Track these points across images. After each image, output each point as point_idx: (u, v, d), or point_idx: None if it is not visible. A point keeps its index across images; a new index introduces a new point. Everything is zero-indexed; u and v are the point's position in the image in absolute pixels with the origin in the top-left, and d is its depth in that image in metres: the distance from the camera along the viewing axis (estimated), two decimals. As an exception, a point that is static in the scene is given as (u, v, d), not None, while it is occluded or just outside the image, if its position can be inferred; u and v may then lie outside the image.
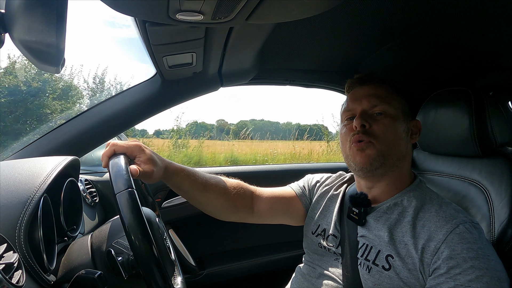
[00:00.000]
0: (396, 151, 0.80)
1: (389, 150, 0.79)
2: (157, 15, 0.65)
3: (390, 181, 0.83)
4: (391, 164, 0.80)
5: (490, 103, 0.90)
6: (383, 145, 0.79)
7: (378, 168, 0.79)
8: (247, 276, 1.71)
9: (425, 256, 0.68)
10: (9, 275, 0.50)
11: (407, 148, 0.83)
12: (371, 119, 0.81)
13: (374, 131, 0.80)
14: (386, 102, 0.82)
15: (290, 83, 1.53)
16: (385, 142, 0.79)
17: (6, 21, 0.48)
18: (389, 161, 0.79)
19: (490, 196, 0.86)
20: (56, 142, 1.12)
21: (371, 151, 0.79)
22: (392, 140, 0.80)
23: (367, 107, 0.83)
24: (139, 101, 1.19)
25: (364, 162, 0.79)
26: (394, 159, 0.80)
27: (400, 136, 0.81)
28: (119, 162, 0.66)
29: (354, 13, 0.90)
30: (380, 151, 0.79)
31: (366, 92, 0.85)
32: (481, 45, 1.07)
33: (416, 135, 0.86)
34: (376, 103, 0.82)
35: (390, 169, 0.81)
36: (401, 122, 0.82)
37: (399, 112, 0.82)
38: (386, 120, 0.80)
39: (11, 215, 0.61)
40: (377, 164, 0.79)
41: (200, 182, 0.88)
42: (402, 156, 0.81)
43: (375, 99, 0.82)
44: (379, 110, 0.81)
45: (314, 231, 0.93)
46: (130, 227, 0.55)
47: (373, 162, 0.79)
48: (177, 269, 0.85)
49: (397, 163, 0.81)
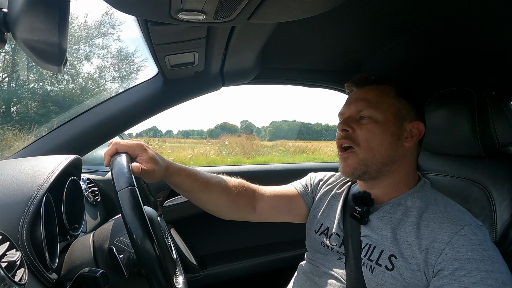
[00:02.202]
0: (379, 157, 0.80)
1: (372, 157, 0.80)
2: (159, 14, 0.65)
3: (387, 184, 0.83)
4: (376, 170, 0.81)
5: (493, 103, 0.90)
6: (364, 152, 0.80)
7: (361, 175, 0.82)
8: (249, 276, 1.71)
9: (429, 257, 0.68)
10: (12, 273, 0.51)
11: (397, 152, 0.81)
12: (356, 123, 0.82)
13: (357, 136, 0.81)
14: (373, 106, 0.81)
15: (292, 82, 1.53)
16: (367, 148, 0.80)
17: (9, 20, 0.48)
18: (372, 167, 0.80)
19: (493, 197, 0.86)
20: (58, 141, 1.13)
21: (352, 160, 0.81)
22: (375, 145, 0.80)
23: (353, 112, 0.84)
24: (141, 100, 1.19)
25: (347, 171, 0.83)
26: (379, 165, 0.80)
27: (386, 140, 0.80)
28: (121, 160, 0.66)
29: (356, 12, 0.90)
30: (361, 159, 0.80)
31: (356, 96, 0.86)
32: (483, 44, 1.06)
33: (415, 137, 0.82)
34: (362, 108, 0.82)
35: (378, 173, 0.81)
36: (389, 126, 0.80)
37: (388, 115, 0.81)
38: (370, 125, 0.80)
39: (14, 213, 0.61)
40: (358, 172, 0.81)
41: (201, 181, 0.88)
42: (390, 160, 0.81)
43: (362, 103, 0.82)
44: (364, 114, 0.82)
45: (317, 230, 0.93)
46: (131, 224, 0.55)
47: (354, 172, 0.82)
48: (178, 268, 0.85)
49: (384, 168, 0.81)
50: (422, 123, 0.84)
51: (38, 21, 0.46)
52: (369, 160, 0.80)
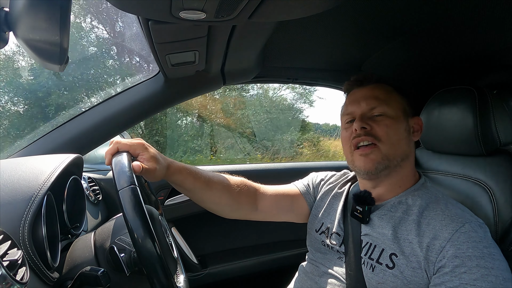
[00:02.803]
0: (400, 151, 0.80)
1: (394, 152, 0.80)
2: (160, 13, 0.65)
3: (393, 181, 0.83)
4: (395, 164, 0.80)
5: (494, 102, 0.90)
6: (387, 147, 0.79)
7: (382, 170, 0.80)
8: (250, 275, 1.71)
9: (430, 255, 0.68)
10: (14, 272, 0.51)
11: (409, 147, 0.83)
12: (371, 121, 0.81)
13: (377, 132, 0.80)
14: (385, 103, 0.81)
15: (293, 81, 1.53)
16: (389, 144, 0.79)
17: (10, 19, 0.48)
18: (393, 162, 0.80)
19: (494, 196, 0.86)
20: (60, 140, 1.13)
21: (375, 155, 0.79)
22: (395, 140, 0.80)
23: (366, 110, 0.83)
24: (142, 99, 1.19)
25: (369, 167, 0.80)
26: (399, 159, 0.80)
27: (402, 135, 0.81)
28: (122, 159, 0.67)
29: (358, 11, 0.89)
30: (384, 154, 0.79)
31: (364, 94, 0.85)
32: (485, 43, 1.06)
33: (418, 132, 0.86)
34: (375, 105, 0.82)
35: (394, 169, 0.81)
36: (401, 122, 0.81)
37: (398, 111, 0.82)
38: (386, 121, 0.80)
39: (15, 212, 0.62)
40: (382, 167, 0.80)
41: (202, 180, 0.88)
42: (405, 155, 0.81)
43: (373, 101, 0.82)
44: (378, 112, 0.81)
45: (317, 229, 0.93)
46: (132, 223, 0.55)
47: (378, 166, 0.80)
48: (179, 267, 0.85)
49: (401, 163, 0.81)
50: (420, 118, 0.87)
51: (39, 20, 0.46)
52: (391, 154, 0.79)
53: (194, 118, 6.01)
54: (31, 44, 0.48)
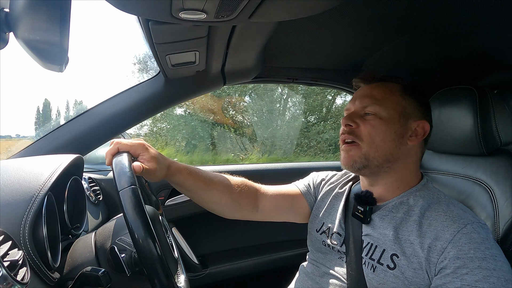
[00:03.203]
0: (382, 153, 0.80)
1: (374, 152, 0.80)
2: (160, 14, 0.65)
3: (388, 181, 0.83)
4: (377, 165, 0.80)
5: (495, 101, 0.90)
6: (367, 147, 0.80)
7: (361, 169, 0.81)
8: (250, 275, 1.71)
9: (431, 255, 0.68)
10: (14, 272, 0.51)
11: (399, 150, 0.81)
12: (361, 119, 0.82)
13: (360, 131, 0.81)
14: (378, 103, 0.81)
15: (294, 81, 1.53)
16: (370, 144, 0.80)
17: (10, 20, 0.48)
18: (373, 163, 0.80)
19: (495, 195, 0.86)
20: (60, 140, 1.13)
21: (354, 152, 0.81)
22: (378, 141, 0.80)
23: (358, 108, 0.84)
24: (143, 99, 1.20)
25: (347, 163, 0.83)
26: (380, 160, 0.80)
27: (389, 137, 0.80)
28: (123, 160, 0.67)
29: (358, 10, 0.89)
30: (363, 153, 0.80)
31: (362, 92, 0.86)
32: (485, 43, 1.06)
33: (419, 137, 0.82)
34: (367, 104, 0.82)
35: (378, 170, 0.81)
36: (393, 123, 0.80)
37: (393, 113, 0.81)
38: (374, 121, 0.80)
39: (16, 213, 0.62)
40: (358, 165, 0.81)
41: (203, 180, 0.88)
42: (392, 157, 0.80)
43: (367, 100, 0.82)
44: (369, 110, 0.82)
45: (318, 229, 0.93)
46: (133, 224, 0.55)
47: (354, 164, 0.81)
48: (180, 267, 0.85)
49: (385, 164, 0.81)
50: (428, 122, 0.83)
51: (40, 20, 0.46)
52: (371, 154, 0.80)
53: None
54: (32, 45, 0.48)
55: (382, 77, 0.88)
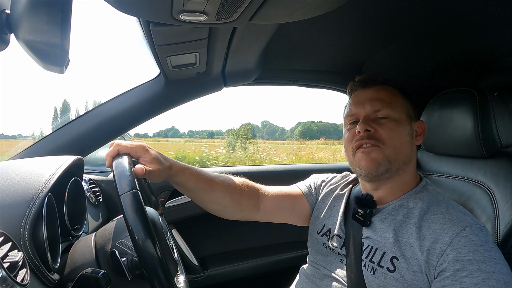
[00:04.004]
0: (402, 155, 0.80)
1: (396, 155, 0.79)
2: (161, 15, 0.65)
3: (395, 184, 0.83)
4: (397, 168, 0.80)
5: (495, 103, 0.90)
6: (389, 150, 0.78)
7: (384, 173, 0.79)
8: (250, 277, 1.71)
9: (431, 258, 0.67)
10: (14, 274, 0.51)
11: (412, 151, 0.82)
12: (375, 123, 0.80)
13: (380, 135, 0.79)
14: (389, 106, 0.81)
15: (294, 83, 1.53)
16: (392, 147, 0.78)
17: (11, 21, 0.48)
18: (395, 165, 0.79)
19: (495, 198, 0.86)
20: (60, 141, 1.13)
21: (377, 154, 0.78)
22: (398, 144, 0.79)
23: (370, 112, 0.82)
24: (143, 101, 1.20)
25: (370, 167, 0.79)
26: (401, 163, 0.79)
27: (405, 139, 0.80)
28: (123, 162, 0.66)
29: (358, 13, 0.90)
30: (386, 156, 0.78)
31: (368, 96, 0.84)
32: (485, 45, 1.06)
33: (421, 136, 0.85)
34: (379, 107, 0.81)
35: (396, 173, 0.80)
36: (405, 125, 0.81)
37: (402, 115, 0.81)
38: (390, 124, 0.80)
39: (16, 214, 0.62)
40: (383, 169, 0.78)
41: (205, 181, 0.88)
42: (408, 159, 0.81)
43: (378, 103, 0.82)
44: (382, 114, 0.81)
45: (319, 231, 0.93)
46: (134, 228, 0.55)
47: (379, 167, 0.78)
48: (180, 268, 0.85)
49: (403, 166, 0.80)
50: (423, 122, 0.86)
51: (40, 22, 0.46)
52: (393, 157, 0.78)
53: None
54: (32, 46, 0.48)
55: (379, 80, 0.87)
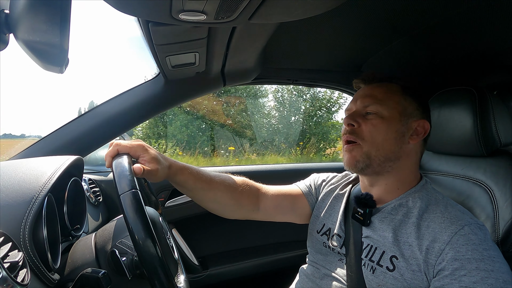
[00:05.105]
0: (383, 152, 0.80)
1: (376, 151, 0.80)
2: (160, 15, 0.65)
3: (389, 181, 0.83)
4: (379, 164, 0.80)
5: (494, 102, 0.90)
6: (368, 146, 0.80)
7: (364, 168, 0.81)
8: (250, 276, 1.71)
9: (430, 257, 0.68)
10: (14, 274, 0.51)
11: (401, 149, 0.81)
12: (362, 119, 0.82)
13: (362, 131, 0.81)
14: (380, 102, 0.81)
15: (294, 82, 1.53)
16: (371, 143, 0.80)
17: (10, 21, 0.48)
18: (375, 161, 0.80)
19: (495, 196, 0.86)
20: (60, 141, 1.13)
21: (356, 152, 0.81)
22: (380, 141, 0.80)
23: (360, 107, 0.84)
24: (142, 100, 1.20)
25: (350, 163, 0.82)
26: (382, 159, 0.80)
27: (390, 136, 0.80)
28: (123, 162, 0.66)
29: (357, 12, 0.90)
30: (365, 152, 0.80)
31: (364, 92, 0.86)
32: (485, 44, 1.06)
33: (419, 136, 0.83)
34: (368, 103, 0.82)
35: (381, 169, 0.81)
36: (395, 123, 0.80)
37: (394, 112, 0.81)
38: (376, 120, 0.81)
39: (16, 214, 0.62)
40: (361, 165, 0.81)
41: (204, 180, 0.88)
42: (394, 157, 0.81)
43: (368, 99, 0.83)
44: (370, 110, 0.82)
45: (319, 230, 0.93)
46: (134, 228, 0.55)
47: (357, 164, 0.81)
48: (180, 268, 0.85)
49: (387, 163, 0.81)
50: (428, 121, 0.84)
51: (39, 22, 0.46)
52: (372, 153, 0.80)
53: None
54: (31, 46, 0.48)
55: (383, 77, 0.88)
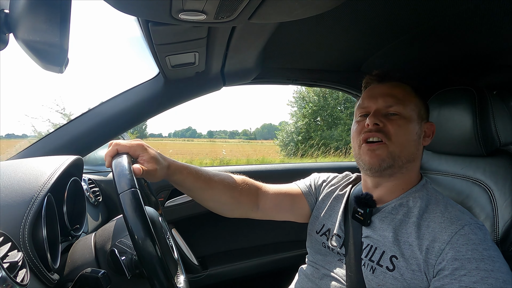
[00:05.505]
0: (406, 153, 0.80)
1: (400, 152, 0.79)
2: (160, 14, 0.65)
3: (397, 182, 0.83)
4: (400, 165, 0.80)
5: (494, 102, 0.90)
6: (394, 146, 0.79)
7: (386, 168, 0.80)
8: (250, 276, 1.71)
9: (430, 257, 0.68)
10: (14, 274, 0.51)
11: (418, 151, 0.82)
12: (385, 118, 0.81)
13: (388, 130, 0.79)
14: (402, 103, 0.81)
15: (293, 82, 1.53)
16: (397, 143, 0.79)
17: (10, 21, 0.48)
18: (398, 162, 0.79)
19: (494, 196, 0.86)
20: (60, 141, 1.13)
21: (382, 151, 0.79)
22: (403, 141, 0.79)
23: (382, 106, 0.82)
24: (142, 100, 1.19)
25: (374, 162, 0.80)
26: (404, 161, 0.80)
27: (412, 138, 0.80)
28: (122, 161, 0.66)
29: (357, 12, 0.90)
30: (391, 152, 0.79)
31: (382, 91, 0.84)
32: (485, 44, 1.06)
33: (429, 138, 0.85)
34: (391, 103, 0.81)
35: (399, 170, 0.81)
36: (414, 124, 0.81)
37: (414, 114, 0.81)
38: (400, 121, 0.80)
39: (15, 214, 0.61)
40: (386, 165, 0.79)
41: (203, 180, 0.88)
42: (412, 158, 0.81)
43: (391, 99, 0.82)
44: (393, 110, 0.81)
45: (318, 231, 0.93)
46: (133, 227, 0.55)
47: (382, 163, 0.79)
48: (180, 268, 0.85)
49: (406, 165, 0.81)
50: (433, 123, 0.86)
51: (39, 21, 0.46)
52: (397, 154, 0.79)
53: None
54: (31, 46, 0.48)
55: (399, 77, 0.87)
